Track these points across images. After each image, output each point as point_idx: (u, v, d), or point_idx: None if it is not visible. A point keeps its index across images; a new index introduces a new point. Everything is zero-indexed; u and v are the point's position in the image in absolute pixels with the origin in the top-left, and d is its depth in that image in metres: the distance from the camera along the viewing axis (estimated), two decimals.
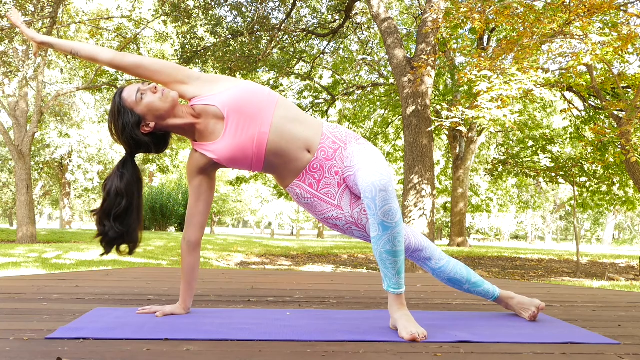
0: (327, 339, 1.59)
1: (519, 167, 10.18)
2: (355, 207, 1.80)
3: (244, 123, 1.73)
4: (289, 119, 1.76)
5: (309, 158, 1.77)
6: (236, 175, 16.53)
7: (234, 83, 1.80)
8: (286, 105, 1.80)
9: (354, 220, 1.80)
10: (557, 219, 37.31)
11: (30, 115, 12.76)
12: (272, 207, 39.61)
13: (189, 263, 1.91)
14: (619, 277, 7.75)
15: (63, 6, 11.40)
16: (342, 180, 1.80)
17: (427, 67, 7.28)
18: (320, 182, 1.79)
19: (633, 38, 5.54)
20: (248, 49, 9.52)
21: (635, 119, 6.04)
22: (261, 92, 1.77)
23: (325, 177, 1.79)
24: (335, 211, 1.80)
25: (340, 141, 1.81)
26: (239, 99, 1.74)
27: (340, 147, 1.80)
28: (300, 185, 1.80)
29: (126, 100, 1.75)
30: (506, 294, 2.04)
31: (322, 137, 1.79)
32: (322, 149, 1.78)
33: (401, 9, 13.94)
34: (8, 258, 7.21)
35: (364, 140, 1.85)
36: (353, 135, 1.85)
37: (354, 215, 1.80)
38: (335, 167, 1.79)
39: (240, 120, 1.73)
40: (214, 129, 1.77)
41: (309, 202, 1.82)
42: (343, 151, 1.80)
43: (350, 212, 1.80)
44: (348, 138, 1.83)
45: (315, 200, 1.80)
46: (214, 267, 7.66)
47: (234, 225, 51.39)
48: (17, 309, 1.97)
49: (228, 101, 1.74)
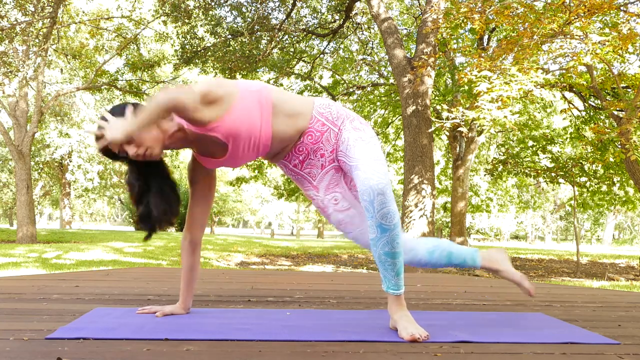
0: (327, 339, 1.59)
1: (519, 167, 10.18)
2: (328, 193, 1.81)
3: (247, 144, 1.71)
4: (285, 119, 1.74)
5: (296, 141, 1.79)
6: (236, 176, 16.52)
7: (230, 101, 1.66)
8: (280, 105, 1.73)
9: (323, 205, 1.82)
10: (557, 219, 37.29)
11: (30, 115, 12.76)
12: (272, 207, 39.59)
13: (189, 263, 1.91)
14: (619, 277, 7.75)
15: (63, 6, 11.40)
16: (327, 162, 1.80)
17: (427, 67, 7.27)
18: (304, 162, 1.81)
19: (633, 38, 5.54)
20: (248, 49, 9.52)
21: (635, 118, 6.04)
22: (258, 105, 1.69)
23: (310, 158, 1.81)
24: (312, 191, 1.83)
25: (331, 123, 1.77)
26: (239, 126, 1.67)
27: (329, 129, 1.77)
28: (286, 164, 1.84)
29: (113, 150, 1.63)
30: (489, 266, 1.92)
31: (310, 121, 1.76)
32: (310, 132, 1.77)
33: (401, 9, 13.93)
34: (8, 258, 7.21)
35: (358, 121, 1.79)
36: (346, 114, 1.80)
37: (324, 201, 1.82)
38: (321, 150, 1.78)
39: (243, 144, 1.70)
40: (214, 149, 1.75)
41: (294, 178, 1.87)
42: (332, 134, 1.77)
43: (322, 197, 1.82)
44: (340, 118, 1.78)
45: (299, 177, 1.85)
46: (214, 267, 7.66)
47: (234, 225, 51.38)
48: (17, 309, 1.97)
49: (229, 130, 1.66)
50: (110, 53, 13.84)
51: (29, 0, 10.26)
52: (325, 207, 1.83)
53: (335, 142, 1.77)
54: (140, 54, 13.39)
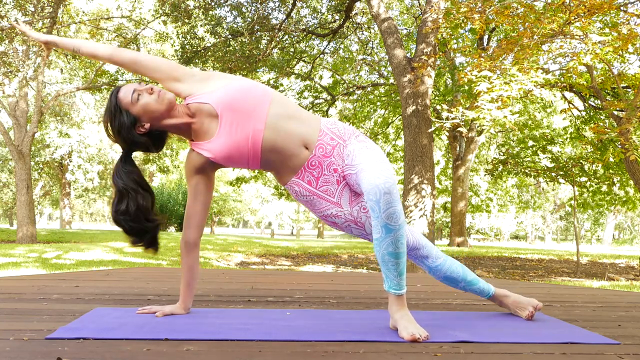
0: (327, 339, 1.59)
1: (519, 167, 10.17)
2: (354, 205, 1.80)
3: (238, 121, 1.72)
4: (284, 115, 1.75)
5: (306, 155, 1.76)
6: (236, 176, 16.52)
7: (228, 80, 1.79)
8: (282, 102, 1.78)
9: (353, 218, 1.80)
10: (557, 219, 37.30)
11: (30, 115, 12.76)
12: (272, 207, 39.58)
13: (189, 263, 1.91)
14: (619, 277, 7.75)
15: (63, 6, 11.41)
16: (341, 177, 1.79)
17: (427, 67, 7.27)
18: (319, 179, 1.78)
19: (633, 38, 5.54)
20: (248, 49, 9.51)
21: (634, 118, 6.04)
22: (255, 89, 1.76)
23: (324, 174, 1.78)
24: (335, 209, 1.80)
25: (339, 137, 1.79)
26: (232, 97, 1.73)
27: (338, 143, 1.78)
28: (298, 183, 1.79)
29: (122, 100, 1.75)
30: (501, 292, 2.05)
31: (319, 134, 1.77)
32: (320, 145, 1.77)
33: (401, 9, 13.94)
34: (8, 258, 7.21)
35: (363, 136, 1.83)
36: (352, 131, 1.83)
37: (353, 213, 1.80)
38: (333, 165, 1.78)
39: (234, 118, 1.72)
40: (209, 128, 1.76)
41: (308, 200, 1.81)
42: (342, 148, 1.78)
43: (349, 210, 1.80)
44: (347, 134, 1.81)
45: (314, 197, 1.80)
46: (214, 267, 7.66)
47: (234, 225, 51.36)
48: (17, 309, 1.96)
49: (221, 99, 1.73)
50: None
51: (29, 0, 10.26)
52: (358, 219, 1.80)
53: (343, 156, 1.78)
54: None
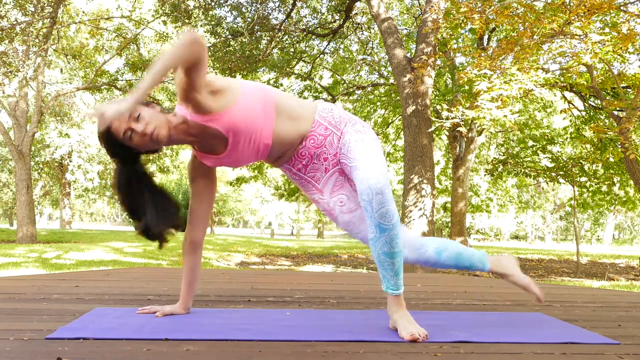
0: (327, 339, 1.59)
1: (519, 167, 10.17)
2: (334, 196, 1.82)
3: (246, 140, 1.70)
4: (287, 121, 1.74)
5: (299, 145, 1.79)
6: (236, 176, 16.52)
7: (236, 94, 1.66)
8: (283, 108, 1.74)
9: (329, 208, 1.83)
10: (557, 219, 37.28)
11: (30, 115, 12.76)
12: (272, 207, 39.58)
13: (190, 263, 1.91)
14: (619, 277, 7.75)
15: (63, 6, 11.41)
16: (330, 165, 1.81)
17: (427, 67, 7.27)
18: (307, 167, 1.83)
19: (633, 38, 5.54)
20: (248, 49, 9.51)
21: (634, 118, 6.04)
22: (262, 105, 1.69)
23: (313, 162, 1.82)
24: (317, 195, 1.85)
25: (334, 127, 1.78)
26: (241, 120, 1.66)
27: (332, 132, 1.78)
28: (289, 169, 1.85)
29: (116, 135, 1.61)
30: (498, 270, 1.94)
31: (313, 124, 1.77)
32: (312, 136, 1.77)
33: (401, 9, 13.93)
34: (8, 258, 7.21)
35: (361, 124, 1.81)
36: (349, 118, 1.81)
37: (330, 204, 1.83)
38: (324, 154, 1.80)
39: (243, 139, 1.69)
40: (214, 145, 1.72)
41: (298, 182, 1.88)
42: (335, 138, 1.78)
43: (327, 200, 1.83)
44: (343, 122, 1.79)
45: (303, 181, 1.86)
46: (214, 267, 7.66)
47: (234, 225, 51.36)
48: (17, 309, 1.97)
49: (231, 124, 1.66)
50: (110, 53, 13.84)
51: (29, 0, 10.26)
52: (332, 210, 1.84)
53: (337, 145, 1.78)
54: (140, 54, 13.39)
